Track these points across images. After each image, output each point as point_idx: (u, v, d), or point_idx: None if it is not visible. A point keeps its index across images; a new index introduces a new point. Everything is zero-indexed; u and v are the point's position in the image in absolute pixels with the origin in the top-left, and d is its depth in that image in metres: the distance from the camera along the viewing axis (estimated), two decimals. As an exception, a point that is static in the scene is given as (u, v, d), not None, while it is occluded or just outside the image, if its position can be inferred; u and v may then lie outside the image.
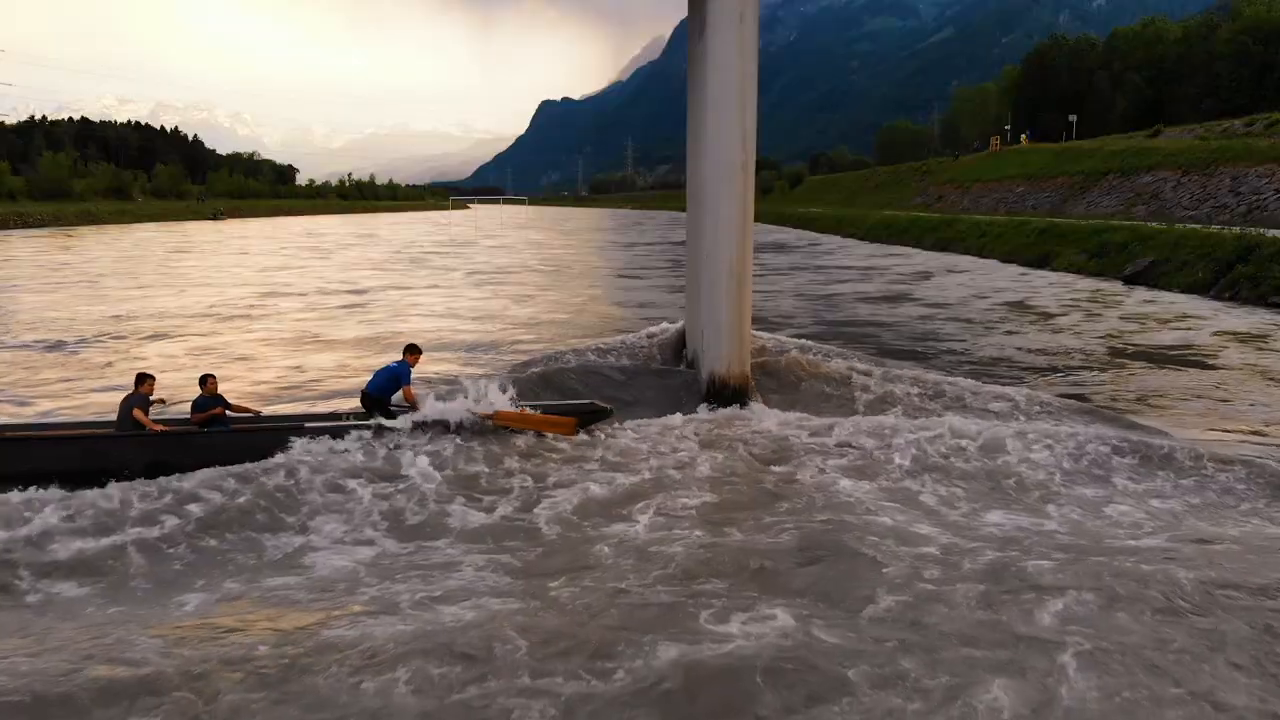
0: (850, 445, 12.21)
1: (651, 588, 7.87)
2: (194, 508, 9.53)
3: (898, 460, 11.60)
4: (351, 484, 10.37)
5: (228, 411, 12.04)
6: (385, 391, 12.05)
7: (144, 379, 11.95)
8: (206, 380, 12.02)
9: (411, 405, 12.02)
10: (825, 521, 9.49)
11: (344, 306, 29.18)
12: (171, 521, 9.26)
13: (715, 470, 11.28)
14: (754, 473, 11.33)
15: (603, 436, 12.44)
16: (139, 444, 11.17)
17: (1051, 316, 26.62)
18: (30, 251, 54.02)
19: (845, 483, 10.83)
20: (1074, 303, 29.33)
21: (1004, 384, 16.32)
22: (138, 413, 11.41)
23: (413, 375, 12.32)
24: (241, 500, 9.79)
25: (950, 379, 16.40)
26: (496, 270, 44.93)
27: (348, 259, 52.58)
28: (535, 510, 9.98)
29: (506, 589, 7.94)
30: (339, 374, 18.11)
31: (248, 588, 8.06)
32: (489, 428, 11.87)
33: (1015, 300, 30.53)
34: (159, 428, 11.53)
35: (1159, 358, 19.76)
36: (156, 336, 23.05)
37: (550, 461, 11.48)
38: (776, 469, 11.44)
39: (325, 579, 8.30)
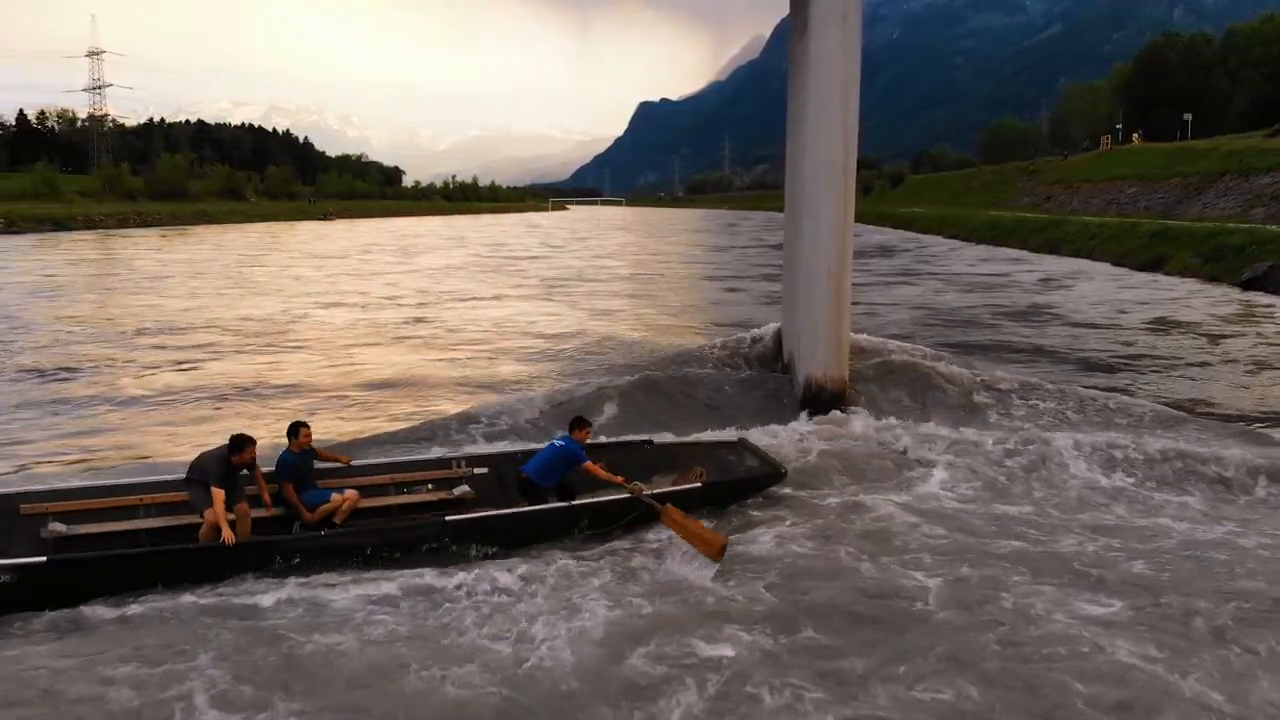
0: (1005, 490, 10.48)
1: None
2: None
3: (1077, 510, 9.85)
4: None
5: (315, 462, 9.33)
6: (550, 476, 9.75)
7: (299, 428, 9.10)
8: (299, 429, 9.03)
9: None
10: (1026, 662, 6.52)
11: (404, 321, 26.55)
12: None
13: (817, 545, 8.86)
14: (874, 538, 8.96)
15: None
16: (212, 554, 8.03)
17: (1221, 338, 22.97)
18: (129, 251, 55.97)
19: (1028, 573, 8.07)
20: (1228, 318, 26.46)
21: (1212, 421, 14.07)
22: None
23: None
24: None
25: (1112, 395, 14.55)
26: (579, 277, 44.24)
27: (435, 263, 51.41)
28: (560, 626, 7.09)
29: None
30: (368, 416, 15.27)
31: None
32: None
33: (1163, 315, 27.21)
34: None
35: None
36: (167, 350, 20.54)
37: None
38: (920, 540, 8.87)
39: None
